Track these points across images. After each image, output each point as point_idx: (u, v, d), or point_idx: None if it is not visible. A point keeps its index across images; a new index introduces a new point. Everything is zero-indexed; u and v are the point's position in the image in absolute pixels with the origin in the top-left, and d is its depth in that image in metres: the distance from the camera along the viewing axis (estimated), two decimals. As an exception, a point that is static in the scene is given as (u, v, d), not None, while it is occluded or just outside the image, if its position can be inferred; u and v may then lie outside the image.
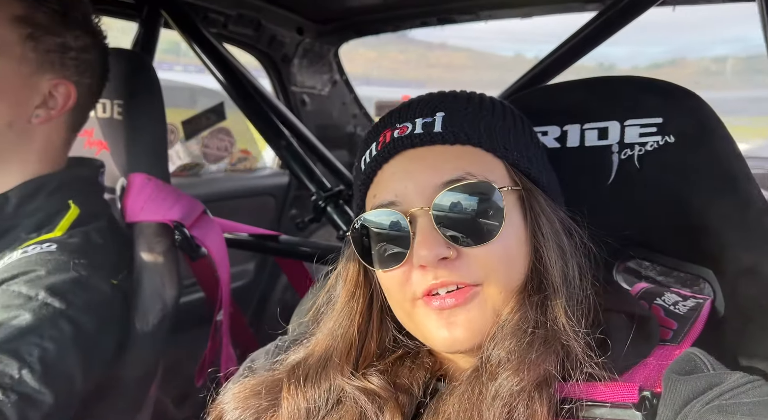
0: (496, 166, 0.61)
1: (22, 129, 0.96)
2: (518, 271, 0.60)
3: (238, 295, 2.23)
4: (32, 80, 0.95)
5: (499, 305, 0.60)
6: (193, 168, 2.16)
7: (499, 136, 0.62)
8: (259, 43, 2.07)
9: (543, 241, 0.60)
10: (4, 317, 0.84)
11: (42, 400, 0.83)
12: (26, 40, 0.93)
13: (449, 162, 0.60)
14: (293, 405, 0.64)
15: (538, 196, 0.62)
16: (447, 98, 0.65)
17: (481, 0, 1.89)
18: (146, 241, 1.06)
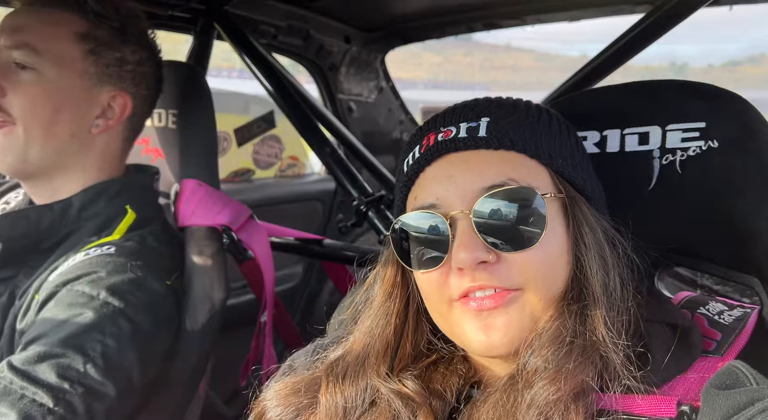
0: (540, 172, 0.61)
1: (83, 138, 1.03)
2: (558, 279, 0.60)
3: (286, 297, 2.29)
4: (92, 92, 1.02)
5: (538, 312, 0.59)
6: (245, 174, 2.24)
7: (544, 142, 0.62)
8: (307, 53, 2.13)
9: (585, 250, 0.60)
10: (69, 314, 0.89)
11: (105, 392, 0.88)
12: (87, 55, 1.00)
13: (492, 167, 0.60)
14: (331, 402, 0.65)
15: (582, 205, 0.62)
16: (492, 104, 0.65)
17: (527, 4, 1.88)
18: (196, 244, 1.11)
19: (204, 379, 1.20)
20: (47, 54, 0.96)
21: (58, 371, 0.84)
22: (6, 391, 0.82)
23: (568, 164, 0.62)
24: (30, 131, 0.97)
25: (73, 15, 0.99)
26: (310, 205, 2.37)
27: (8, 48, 0.96)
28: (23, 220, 1.00)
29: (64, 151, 1.01)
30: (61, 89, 0.98)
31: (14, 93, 0.96)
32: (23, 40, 0.96)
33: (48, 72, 0.97)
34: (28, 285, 0.99)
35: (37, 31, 0.97)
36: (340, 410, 0.64)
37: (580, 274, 0.60)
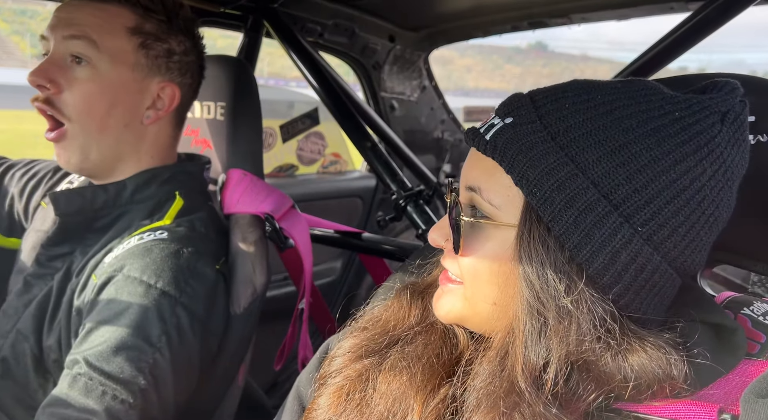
0: (513, 193, 0.56)
1: (136, 129, 1.06)
2: (487, 297, 0.59)
3: (325, 290, 2.33)
4: (143, 85, 1.04)
5: (466, 304, 0.62)
6: (288, 169, 2.29)
7: (530, 162, 0.53)
8: (352, 51, 2.16)
9: (516, 293, 0.56)
10: (130, 302, 0.92)
11: (173, 380, 0.92)
12: (139, 49, 1.02)
13: (478, 169, 0.60)
14: (397, 308, 0.71)
15: (533, 243, 0.54)
16: (533, 101, 0.57)
17: (573, 3, 1.86)
18: (240, 231, 1.14)
19: (244, 367, 1.23)
20: (104, 48, 0.98)
21: (132, 364, 0.88)
22: (89, 388, 0.86)
23: (542, 195, 0.52)
24: (86, 129, 1.00)
25: (122, 8, 1.01)
26: (351, 202, 2.40)
27: (66, 39, 0.97)
28: (79, 198, 1.05)
29: (119, 142, 1.05)
30: (116, 84, 1.01)
31: (70, 90, 0.98)
32: (82, 32, 0.97)
33: (103, 67, 0.99)
34: (84, 262, 1.04)
35: (93, 25, 0.98)
36: (404, 320, 0.69)
37: (511, 309, 0.57)
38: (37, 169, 1.25)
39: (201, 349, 0.99)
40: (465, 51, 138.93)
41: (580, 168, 0.52)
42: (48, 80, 0.97)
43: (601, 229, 0.51)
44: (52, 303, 1.03)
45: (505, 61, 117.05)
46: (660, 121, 0.52)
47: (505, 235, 0.57)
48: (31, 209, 1.21)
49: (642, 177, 0.51)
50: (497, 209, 0.57)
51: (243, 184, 1.19)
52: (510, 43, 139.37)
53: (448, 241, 0.62)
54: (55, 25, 0.99)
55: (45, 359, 1.01)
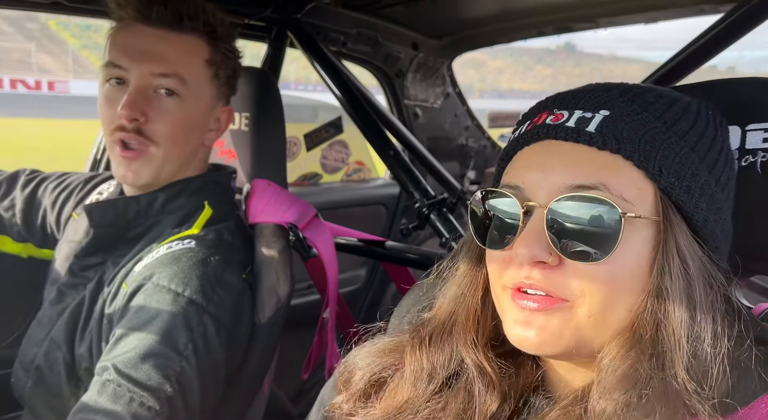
0: (643, 186, 0.54)
1: (198, 149, 1.13)
2: (622, 306, 0.54)
3: (350, 299, 2.33)
4: (212, 111, 1.12)
5: (583, 328, 0.54)
6: (312, 177, 2.31)
7: (661, 154, 0.53)
8: (375, 59, 2.17)
9: (668, 286, 0.53)
10: (158, 310, 0.94)
11: (199, 388, 0.93)
12: (212, 79, 1.08)
13: (588, 166, 0.54)
14: (416, 366, 0.64)
15: (680, 234, 0.54)
16: (622, 95, 0.56)
17: (600, 7, 1.83)
18: (265, 241, 1.15)
19: (269, 376, 1.24)
20: (191, 83, 1.04)
21: (159, 371, 0.89)
22: (117, 394, 0.87)
23: (682, 185, 0.53)
24: (168, 152, 1.05)
25: (200, 40, 1.05)
26: (375, 209, 2.40)
27: (155, 75, 1.01)
28: (112, 209, 1.07)
29: (186, 162, 1.10)
30: (195, 113, 1.06)
31: (157, 118, 1.02)
32: (173, 71, 1.01)
33: (189, 98, 1.04)
34: (116, 272, 1.06)
35: (180, 61, 1.03)
36: (426, 374, 0.64)
37: (659, 310, 0.53)
38: (69, 181, 1.29)
39: (227, 357, 1.00)
40: (496, 53, 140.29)
41: (700, 157, 0.55)
42: (140, 113, 1.00)
43: (720, 213, 0.58)
44: (85, 312, 1.06)
45: (536, 63, 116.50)
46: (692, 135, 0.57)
47: (646, 232, 0.53)
48: (63, 220, 1.24)
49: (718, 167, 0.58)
50: (632, 204, 0.53)
51: (267, 193, 1.21)
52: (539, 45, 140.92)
53: (552, 253, 0.54)
54: (138, 57, 1.01)
55: (77, 367, 1.04)
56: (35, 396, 1.07)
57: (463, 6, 1.93)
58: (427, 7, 1.87)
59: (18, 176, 1.29)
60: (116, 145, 1.03)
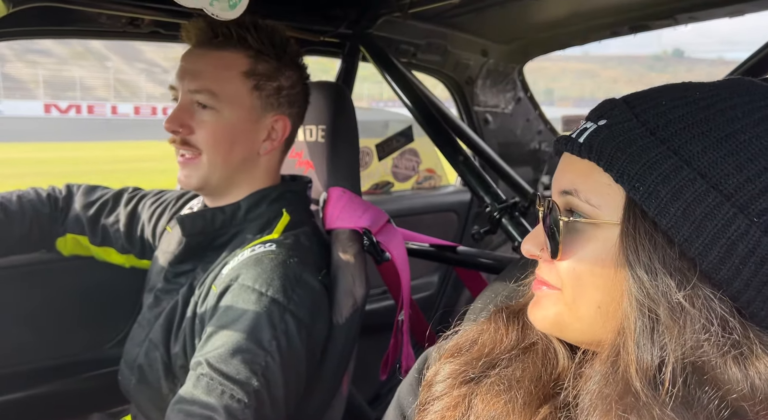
0: (611, 191, 0.54)
1: (253, 159, 1.18)
2: (590, 302, 0.57)
3: (423, 304, 2.35)
4: (259, 122, 1.16)
5: (566, 315, 0.59)
6: (384, 186, 2.36)
7: (629, 158, 0.52)
8: (444, 68, 2.19)
9: (627, 287, 0.53)
10: (244, 309, 1.01)
11: (282, 384, 0.99)
12: (253, 90, 1.14)
13: (571, 173, 0.58)
14: (494, 331, 0.69)
15: (641, 239, 0.52)
16: (628, 103, 0.57)
17: (679, 2, 1.76)
18: (341, 245, 1.21)
19: (347, 377, 1.28)
20: (223, 96, 1.11)
21: (247, 366, 0.96)
22: (210, 387, 0.95)
23: (646, 189, 0.51)
24: (212, 160, 1.13)
25: (237, 54, 1.13)
26: (446, 216, 2.42)
27: (192, 92, 1.12)
28: (201, 219, 1.17)
29: (237, 171, 1.17)
30: (235, 124, 1.13)
31: (199, 129, 1.12)
32: (205, 86, 1.11)
33: (224, 110, 1.11)
34: (205, 277, 1.15)
35: (213, 76, 1.11)
36: (501, 337, 0.69)
37: (619, 311, 0.54)
38: (164, 198, 1.41)
39: (307, 354, 1.05)
40: (605, 63, 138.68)
41: (684, 160, 0.50)
42: (180, 125, 1.12)
43: (713, 220, 0.49)
44: (178, 314, 1.15)
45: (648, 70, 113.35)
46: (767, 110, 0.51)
47: (607, 235, 0.55)
48: (158, 233, 1.36)
49: (754, 166, 0.49)
50: (596, 208, 0.56)
51: (342, 201, 1.26)
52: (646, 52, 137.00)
53: (543, 250, 0.60)
54: (181, 76, 1.14)
55: (173, 365, 1.13)
56: (138, 392, 1.18)
57: (532, 10, 1.92)
58: (496, 14, 1.87)
59: (122, 194, 1.42)
60: (177, 154, 1.15)
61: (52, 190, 1.39)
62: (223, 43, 1.13)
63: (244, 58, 1.13)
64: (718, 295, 0.50)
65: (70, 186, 1.42)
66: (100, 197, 1.40)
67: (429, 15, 1.82)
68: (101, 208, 1.38)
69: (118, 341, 1.61)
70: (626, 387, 0.52)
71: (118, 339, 1.61)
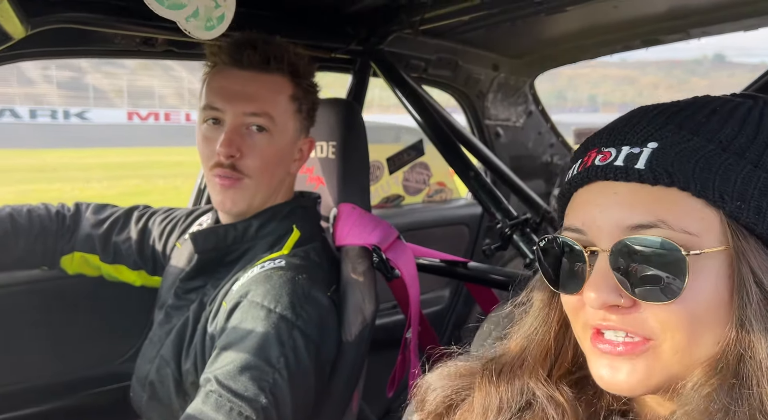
0: (707, 215, 0.51)
1: (284, 178, 1.21)
2: (706, 340, 0.52)
3: (434, 319, 2.34)
4: (297, 143, 1.20)
5: (671, 365, 0.53)
6: (395, 199, 2.36)
7: (720, 178, 0.51)
8: (455, 83, 2.20)
9: (749, 315, 0.50)
10: (253, 326, 1.02)
11: (290, 401, 0.99)
12: (296, 114, 1.17)
13: (644, 204, 0.52)
14: (485, 397, 0.64)
15: (755, 259, 0.51)
16: (669, 123, 0.54)
17: (691, 17, 1.75)
18: (350, 262, 1.21)
19: (357, 393, 1.27)
20: (278, 119, 1.13)
21: (255, 383, 0.96)
22: (219, 404, 0.95)
23: (750, 206, 0.51)
24: (258, 183, 1.14)
25: (284, 78, 1.15)
26: (457, 230, 2.41)
27: (246, 114, 1.11)
28: (213, 236, 1.18)
29: (274, 191, 1.20)
30: (282, 146, 1.15)
31: (249, 153, 1.12)
32: (263, 109, 1.11)
33: (276, 133, 1.13)
34: (216, 293, 1.16)
35: (269, 100, 1.12)
36: (495, 408, 0.64)
37: (743, 339, 0.50)
38: (173, 215, 1.42)
39: (316, 371, 1.05)
40: (645, 68, 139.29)
41: (765, 170, 0.51)
42: (236, 150, 1.11)
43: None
44: (189, 330, 1.16)
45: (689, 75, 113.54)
46: None
47: (715, 262, 0.51)
48: (169, 250, 1.37)
49: None
50: (697, 237, 0.51)
51: (352, 217, 1.27)
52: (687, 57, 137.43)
53: (624, 296, 0.52)
54: (232, 99, 1.11)
55: (184, 382, 1.13)
56: (150, 408, 1.18)
57: (544, 25, 1.92)
58: (507, 29, 1.87)
59: (132, 212, 1.43)
60: (215, 178, 1.13)
61: (61, 208, 1.41)
62: (274, 67, 1.13)
63: (289, 81, 1.16)
64: None
65: (78, 204, 1.43)
66: (111, 215, 1.41)
67: (440, 31, 1.83)
68: (112, 225, 1.40)
69: (129, 357, 1.62)
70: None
71: (130, 355, 1.62)
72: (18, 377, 1.47)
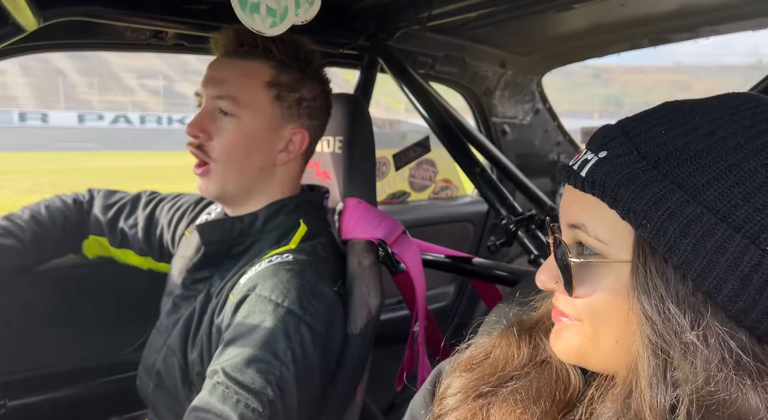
0: (619, 227, 0.54)
1: (269, 169, 1.19)
2: (609, 337, 0.57)
3: (438, 315, 2.34)
4: (277, 132, 1.17)
5: (586, 346, 0.59)
6: (401, 196, 2.37)
7: (633, 195, 0.51)
8: (462, 79, 2.20)
9: (640, 327, 0.53)
10: (260, 319, 1.02)
11: (296, 394, 0.99)
12: (274, 100, 1.15)
13: (577, 206, 0.57)
14: (507, 348, 0.69)
15: (651, 277, 0.52)
16: (625, 134, 0.55)
17: (701, 16, 1.75)
18: (356, 256, 1.22)
19: (361, 387, 1.28)
20: (245, 103, 1.12)
21: (262, 376, 0.96)
22: (225, 396, 0.95)
23: (653, 226, 0.51)
24: (227, 169, 1.14)
25: (262, 64, 1.14)
26: (462, 227, 2.41)
27: (215, 98, 1.13)
28: (219, 228, 1.18)
29: (253, 181, 1.18)
30: (254, 133, 1.13)
31: (217, 137, 1.13)
32: (227, 92, 1.12)
33: (245, 118, 1.12)
34: (222, 285, 1.17)
35: (236, 83, 1.12)
36: (514, 357, 0.68)
37: (633, 351, 0.54)
38: (182, 202, 1.43)
39: (321, 365, 1.06)
40: (698, 73, 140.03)
41: (689, 194, 0.49)
42: (201, 130, 1.13)
43: (725, 253, 0.48)
44: (195, 321, 1.17)
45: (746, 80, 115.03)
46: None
47: (619, 272, 0.54)
48: (177, 238, 1.38)
49: (762, 195, 0.47)
50: (606, 245, 0.55)
51: (358, 211, 1.27)
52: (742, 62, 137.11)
53: (558, 282, 0.59)
54: (206, 83, 1.16)
55: (190, 372, 1.14)
56: (156, 397, 1.19)
57: (552, 23, 1.92)
58: (515, 26, 1.87)
59: (140, 197, 1.45)
60: (195, 165, 1.17)
61: (76, 196, 1.44)
62: (248, 52, 1.15)
63: (268, 68, 1.14)
64: (733, 327, 0.50)
65: (92, 190, 1.47)
66: (119, 200, 1.44)
67: (447, 27, 1.83)
68: (119, 211, 1.42)
69: (137, 346, 1.64)
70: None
71: (137, 344, 1.64)
72: (26, 365, 1.50)
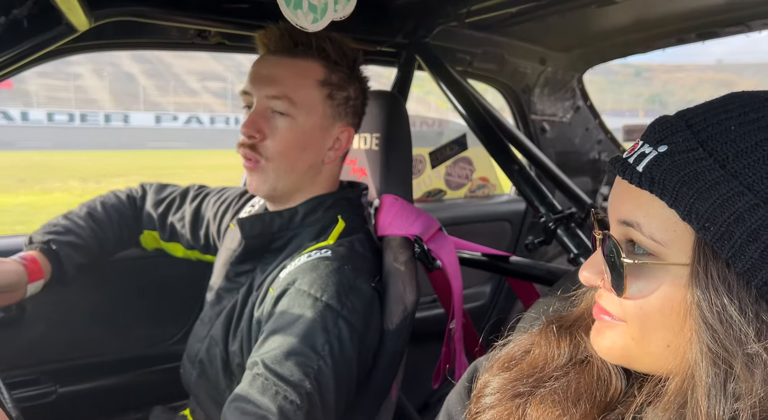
0: (679, 228, 0.50)
1: (317, 167, 1.21)
2: (659, 341, 0.54)
3: (474, 314, 2.33)
4: (328, 131, 1.19)
5: (631, 348, 0.56)
6: (437, 194, 2.36)
7: (698, 195, 0.48)
8: (501, 76, 2.18)
9: (695, 334, 0.50)
10: (300, 313, 1.04)
11: (334, 388, 1.01)
12: (326, 99, 1.16)
13: (631, 203, 0.54)
14: (546, 346, 0.67)
15: (711, 284, 0.49)
16: (690, 127, 0.52)
17: (754, 8, 1.67)
18: (392, 252, 1.22)
19: (396, 383, 1.29)
20: (300, 103, 1.13)
21: (300, 369, 0.98)
22: (265, 387, 0.98)
23: (717, 229, 0.48)
24: (278, 166, 1.16)
25: (315, 63, 1.15)
26: (499, 226, 2.39)
27: (268, 98, 1.14)
28: (260, 222, 1.21)
29: (302, 178, 1.20)
30: (307, 132, 1.15)
31: (271, 137, 1.14)
32: (283, 92, 1.13)
33: (299, 118, 1.14)
34: (263, 278, 1.19)
35: (291, 83, 1.13)
36: (554, 356, 0.66)
37: (689, 359, 0.51)
38: (227, 195, 1.47)
39: (358, 360, 1.07)
40: (742, 72, 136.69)
41: (760, 197, 0.46)
42: (257, 131, 1.14)
43: None
44: (237, 313, 1.19)
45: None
46: None
47: (675, 274, 0.51)
48: (222, 230, 1.42)
49: None
50: (662, 246, 0.51)
51: (394, 208, 1.28)
52: None
53: (604, 279, 0.57)
54: (256, 82, 1.16)
55: (230, 362, 1.17)
56: (198, 386, 1.23)
57: (594, 18, 1.87)
58: (556, 22, 1.84)
59: (188, 192, 1.50)
60: (243, 159, 1.18)
61: (130, 192, 1.50)
62: (301, 51, 1.16)
63: (320, 67, 1.16)
64: None
65: (144, 185, 1.52)
66: (169, 195, 1.49)
67: (486, 24, 1.82)
68: (169, 205, 1.47)
69: (179, 339, 1.69)
70: None
71: (181, 335, 1.69)
72: (76, 353, 1.56)
